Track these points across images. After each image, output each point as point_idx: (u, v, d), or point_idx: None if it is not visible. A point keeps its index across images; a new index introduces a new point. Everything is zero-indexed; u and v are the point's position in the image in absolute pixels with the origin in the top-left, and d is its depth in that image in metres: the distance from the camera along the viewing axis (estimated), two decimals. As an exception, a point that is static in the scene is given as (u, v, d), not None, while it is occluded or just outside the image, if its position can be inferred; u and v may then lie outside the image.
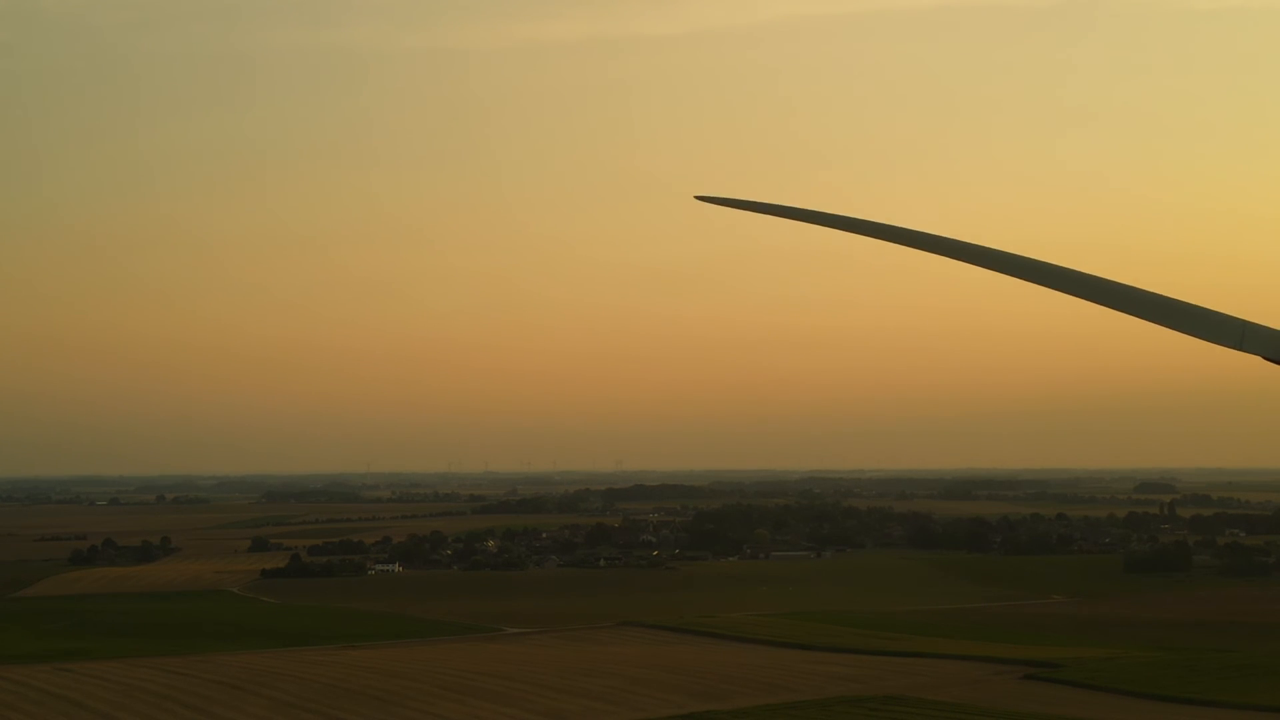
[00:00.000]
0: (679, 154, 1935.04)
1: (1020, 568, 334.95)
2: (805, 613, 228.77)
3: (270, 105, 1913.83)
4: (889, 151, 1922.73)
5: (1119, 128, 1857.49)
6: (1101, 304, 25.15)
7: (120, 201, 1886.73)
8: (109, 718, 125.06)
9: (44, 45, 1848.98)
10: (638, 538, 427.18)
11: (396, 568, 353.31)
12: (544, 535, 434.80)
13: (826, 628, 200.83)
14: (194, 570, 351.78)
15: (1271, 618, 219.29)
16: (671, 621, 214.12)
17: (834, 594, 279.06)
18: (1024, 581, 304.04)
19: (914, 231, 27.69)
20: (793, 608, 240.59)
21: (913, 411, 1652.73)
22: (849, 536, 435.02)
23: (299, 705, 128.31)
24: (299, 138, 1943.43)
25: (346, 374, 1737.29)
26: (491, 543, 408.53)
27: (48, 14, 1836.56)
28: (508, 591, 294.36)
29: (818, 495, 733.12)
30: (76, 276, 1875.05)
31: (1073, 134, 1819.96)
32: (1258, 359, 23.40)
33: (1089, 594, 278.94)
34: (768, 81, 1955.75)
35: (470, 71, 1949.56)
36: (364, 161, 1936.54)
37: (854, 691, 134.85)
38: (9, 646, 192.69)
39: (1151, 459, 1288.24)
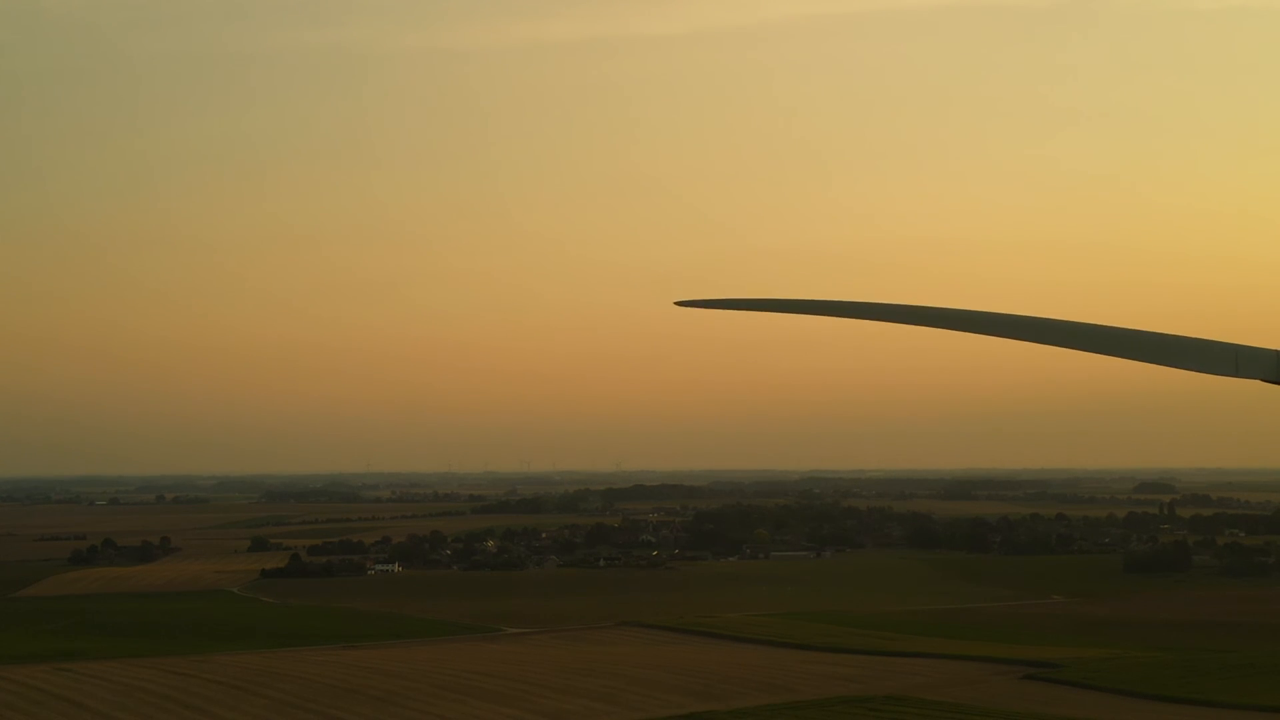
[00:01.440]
0: (679, 154, 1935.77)
1: (1020, 568, 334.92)
2: (805, 613, 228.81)
3: (270, 105, 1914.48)
4: (888, 151, 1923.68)
5: (1117, 128, 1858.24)
6: (1089, 350, 25.27)
7: (120, 201, 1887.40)
8: (109, 718, 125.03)
9: (44, 45, 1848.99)
10: (637, 538, 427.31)
11: (396, 568, 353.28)
12: (544, 535, 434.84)
13: (826, 628, 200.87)
14: (194, 570, 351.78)
15: (1271, 618, 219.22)
16: (671, 621, 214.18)
17: (834, 594, 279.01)
18: (1024, 581, 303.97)
19: (899, 307, 27.87)
20: (792, 608, 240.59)
21: (913, 411, 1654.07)
22: (849, 536, 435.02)
23: (299, 705, 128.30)
24: (298, 138, 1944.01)
25: (346, 374, 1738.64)
26: (491, 543, 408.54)
27: (48, 14, 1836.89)
28: (507, 591, 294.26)
29: (817, 495, 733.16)
30: (76, 276, 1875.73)
31: (1073, 134, 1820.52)
32: (1257, 382, 23.48)
33: (1089, 594, 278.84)
34: (767, 81, 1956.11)
35: (470, 71, 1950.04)
36: (363, 161, 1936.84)
37: (854, 691, 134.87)
38: (9, 646, 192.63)
39: (1151, 459, 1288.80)
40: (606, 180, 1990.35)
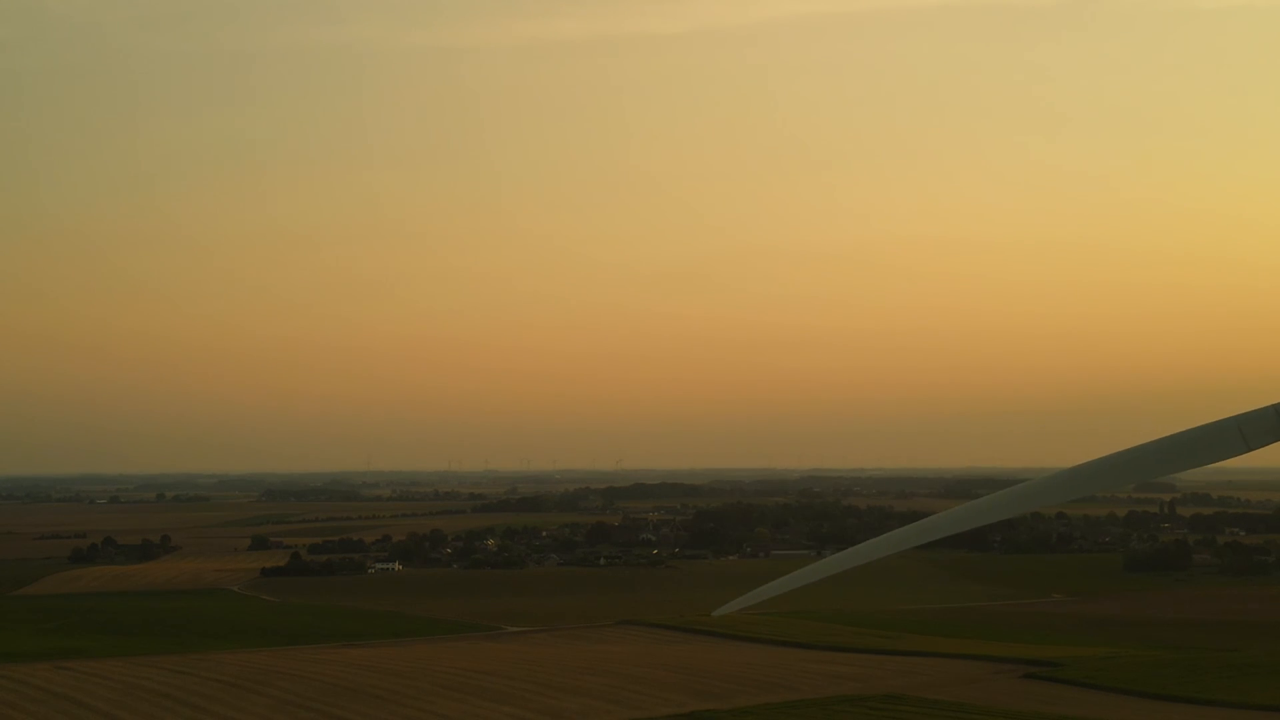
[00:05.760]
0: (678, 153, 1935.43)
1: (1020, 566, 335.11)
2: (805, 612, 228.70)
3: (270, 104, 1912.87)
4: (886, 151, 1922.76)
5: (1115, 128, 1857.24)
6: (1097, 491, 25.28)
7: (120, 201, 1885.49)
8: (110, 716, 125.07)
9: (44, 43, 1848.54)
10: (638, 536, 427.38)
11: (396, 566, 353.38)
12: (544, 534, 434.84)
13: (826, 627, 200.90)
14: (194, 569, 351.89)
15: (1271, 617, 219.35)
16: (671, 620, 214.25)
17: (834, 593, 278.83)
18: (1024, 580, 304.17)
19: (914, 528, 28.41)
20: (793, 607, 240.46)
21: (913, 411, 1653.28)
22: (849, 535, 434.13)
23: (299, 704, 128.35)
24: (298, 137, 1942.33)
25: (346, 373, 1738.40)
26: (491, 541, 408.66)
27: (49, 12, 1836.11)
28: (508, 590, 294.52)
29: (818, 494, 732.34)
30: (76, 275, 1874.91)
31: (1071, 134, 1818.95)
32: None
33: (1089, 593, 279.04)
34: (766, 81, 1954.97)
35: (469, 70, 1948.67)
36: (363, 160, 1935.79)
37: (854, 690, 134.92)
38: (9, 645, 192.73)
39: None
40: (606, 179, 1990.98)
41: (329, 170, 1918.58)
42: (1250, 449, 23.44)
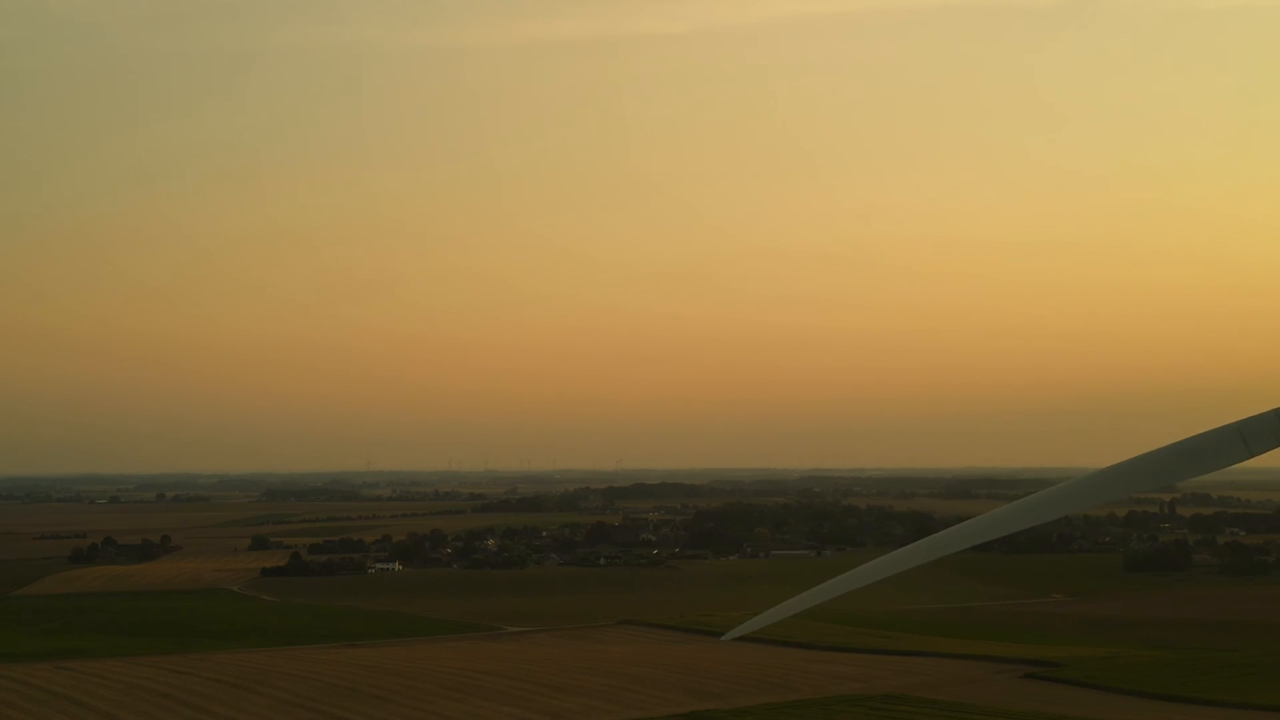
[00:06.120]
0: (678, 153, 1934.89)
1: (1020, 566, 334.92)
2: (805, 611, 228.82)
3: (270, 104, 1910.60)
4: (886, 151, 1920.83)
5: (1114, 128, 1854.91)
6: (1109, 499, 25.04)
7: (119, 201, 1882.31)
8: (110, 716, 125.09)
9: (44, 43, 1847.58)
10: (638, 536, 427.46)
11: (396, 566, 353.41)
12: (544, 534, 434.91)
13: (826, 627, 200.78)
14: (194, 569, 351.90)
15: (1271, 617, 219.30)
16: (672, 620, 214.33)
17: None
18: (1024, 580, 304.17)
19: (924, 544, 28.47)
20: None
21: (913, 411, 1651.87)
22: (849, 535, 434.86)
23: (299, 704, 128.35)
24: (298, 136, 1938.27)
25: (346, 373, 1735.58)
26: (491, 541, 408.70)
27: (49, 12, 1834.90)
28: (508, 590, 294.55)
29: (818, 494, 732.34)
30: (76, 275, 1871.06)
31: (1071, 134, 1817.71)
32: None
33: (1089, 593, 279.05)
34: (766, 81, 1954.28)
35: (471, 70, 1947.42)
36: (363, 160, 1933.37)
37: (854, 690, 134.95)
38: (9, 645, 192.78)
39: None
40: (606, 179, 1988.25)
41: (329, 170, 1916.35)
42: (1253, 454, 23.25)
